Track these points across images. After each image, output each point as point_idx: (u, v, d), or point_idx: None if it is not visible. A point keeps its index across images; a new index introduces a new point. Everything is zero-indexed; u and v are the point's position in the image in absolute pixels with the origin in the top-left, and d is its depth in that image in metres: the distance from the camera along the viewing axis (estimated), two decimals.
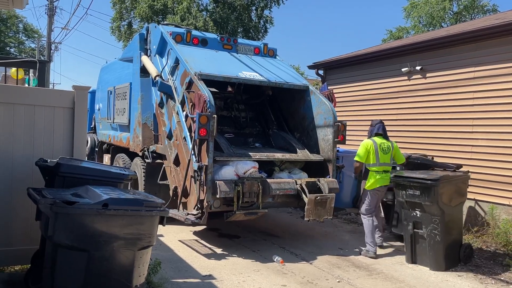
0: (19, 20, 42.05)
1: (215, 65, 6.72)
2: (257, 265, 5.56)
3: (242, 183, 5.77)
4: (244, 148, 6.81)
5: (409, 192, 5.78)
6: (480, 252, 6.46)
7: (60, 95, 4.68)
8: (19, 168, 4.37)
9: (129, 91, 8.14)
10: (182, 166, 6.20)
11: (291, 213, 8.79)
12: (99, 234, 3.19)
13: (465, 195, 6.12)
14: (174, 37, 7.04)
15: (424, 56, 8.68)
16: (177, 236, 6.69)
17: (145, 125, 7.41)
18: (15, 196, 4.32)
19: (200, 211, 5.71)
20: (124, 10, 28.96)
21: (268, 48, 7.99)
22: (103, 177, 4.07)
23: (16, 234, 4.34)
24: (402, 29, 33.41)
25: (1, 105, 4.32)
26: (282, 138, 7.17)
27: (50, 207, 3.11)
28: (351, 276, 5.34)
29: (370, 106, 9.83)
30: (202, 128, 5.52)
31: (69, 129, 4.63)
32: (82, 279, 3.18)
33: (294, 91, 7.28)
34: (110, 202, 3.20)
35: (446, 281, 5.31)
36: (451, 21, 30.44)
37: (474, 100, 7.72)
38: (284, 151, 6.84)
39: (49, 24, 22.28)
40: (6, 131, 4.34)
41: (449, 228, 5.70)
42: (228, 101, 7.67)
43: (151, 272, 4.42)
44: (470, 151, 7.69)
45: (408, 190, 5.80)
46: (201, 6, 27.13)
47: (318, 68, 11.48)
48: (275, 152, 6.72)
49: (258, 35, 27.89)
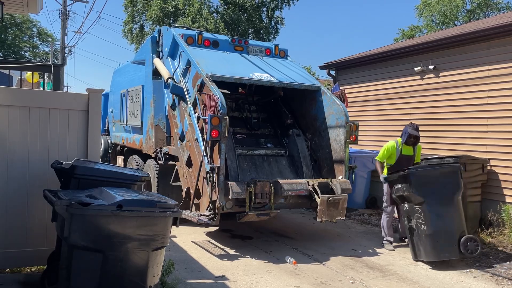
0: (33, 25, 42.70)
1: (226, 67, 6.75)
2: (270, 266, 5.56)
3: (254, 184, 5.78)
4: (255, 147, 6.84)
5: (396, 187, 6.09)
6: (496, 253, 6.37)
7: (74, 98, 4.73)
8: (35, 170, 4.44)
9: (141, 93, 8.21)
10: (194, 167, 6.24)
11: (304, 214, 8.77)
12: (114, 235, 3.22)
13: (460, 186, 5.93)
14: (185, 39, 7.08)
15: (437, 55, 8.59)
16: (190, 237, 6.73)
17: (158, 127, 7.47)
18: (31, 197, 4.39)
19: (212, 212, 5.73)
20: (136, 13, 29.20)
21: (279, 49, 7.99)
22: (117, 179, 4.11)
23: (33, 235, 4.41)
24: (414, 28, 33.09)
25: (17, 108, 4.40)
26: (296, 150, 6.98)
27: (65, 208, 3.15)
28: (365, 277, 5.31)
29: (382, 106, 9.76)
30: (214, 130, 5.55)
31: (83, 132, 4.68)
32: (97, 280, 3.22)
33: (306, 92, 7.27)
34: (124, 204, 3.23)
35: (461, 282, 5.25)
36: (464, 19, 30.08)
37: (488, 99, 7.62)
38: (291, 169, 6.87)
39: (63, 28, 22.59)
40: (22, 134, 4.42)
41: (437, 217, 5.75)
42: (240, 102, 7.69)
43: (165, 272, 4.45)
44: (485, 150, 7.59)
45: (395, 185, 6.13)
46: (212, 8, 27.24)
47: (329, 68, 11.44)
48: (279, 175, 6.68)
49: (269, 36, 27.89)
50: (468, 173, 7.19)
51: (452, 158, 7.13)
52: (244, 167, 6.56)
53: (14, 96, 4.43)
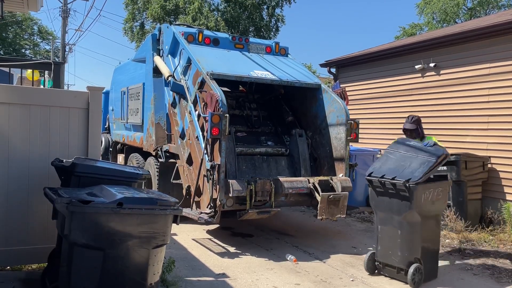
0: (33, 23, 42.69)
1: (227, 65, 6.74)
2: (270, 264, 5.56)
3: (255, 182, 5.78)
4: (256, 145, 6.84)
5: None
6: (496, 251, 6.38)
7: (74, 96, 4.74)
8: (35, 168, 4.44)
9: (142, 91, 8.21)
10: (195, 165, 6.24)
11: (304, 212, 8.77)
12: (114, 233, 3.22)
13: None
14: (186, 37, 7.07)
15: (438, 53, 8.58)
16: (190, 235, 6.73)
17: (158, 125, 7.47)
18: (32, 195, 4.39)
19: (213, 210, 5.74)
20: (137, 11, 29.20)
21: (279, 46, 7.98)
22: (117, 177, 4.11)
23: (33, 233, 4.41)
24: (415, 26, 33.05)
25: (18, 106, 4.40)
26: (296, 151, 6.94)
27: (66, 206, 3.15)
28: (365, 274, 5.30)
29: (383, 104, 9.76)
30: (214, 127, 5.55)
31: (84, 129, 4.68)
32: (98, 277, 3.23)
33: (306, 90, 7.26)
34: (124, 201, 3.23)
35: (461, 279, 5.25)
36: (465, 17, 30.02)
37: (489, 97, 7.62)
38: (289, 170, 6.84)
39: (63, 26, 22.56)
40: (23, 132, 4.42)
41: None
42: (240, 100, 7.68)
43: (166, 270, 4.46)
44: (486, 148, 7.59)
45: None
46: (212, 6, 27.23)
47: (330, 66, 11.44)
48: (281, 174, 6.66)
49: (269, 34, 27.88)
50: (469, 171, 7.20)
51: (453, 156, 7.13)
52: (244, 165, 6.56)
53: (14, 94, 4.43)
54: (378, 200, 5.13)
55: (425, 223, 4.90)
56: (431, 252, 5.11)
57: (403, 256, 4.93)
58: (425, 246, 4.95)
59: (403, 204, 4.85)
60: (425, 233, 4.94)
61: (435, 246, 5.20)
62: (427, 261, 4.99)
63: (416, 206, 4.79)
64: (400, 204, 4.88)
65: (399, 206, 4.89)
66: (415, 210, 4.79)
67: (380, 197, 5.10)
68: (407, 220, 4.88)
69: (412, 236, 4.89)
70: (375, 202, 5.19)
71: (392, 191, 4.93)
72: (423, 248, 4.92)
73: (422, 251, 4.90)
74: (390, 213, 5.02)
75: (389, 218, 5.04)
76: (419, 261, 4.88)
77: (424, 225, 4.90)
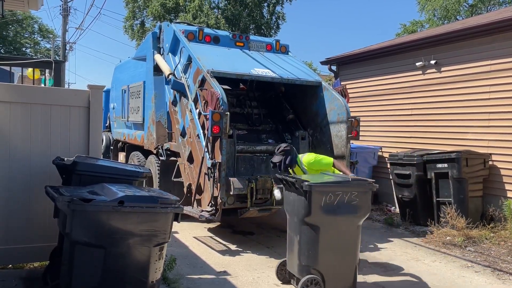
0: (34, 21, 42.62)
1: (227, 63, 6.74)
2: (271, 261, 5.57)
3: (256, 179, 5.78)
4: (257, 143, 6.84)
5: None
6: (497, 248, 6.38)
7: (75, 94, 4.74)
8: (36, 166, 4.45)
9: (142, 89, 8.21)
10: (195, 163, 6.24)
11: None
12: (115, 231, 3.23)
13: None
14: (186, 35, 7.07)
15: (439, 50, 8.56)
16: (191, 233, 6.74)
17: (159, 123, 7.47)
18: (33, 194, 4.40)
19: (214, 208, 5.75)
20: (137, 9, 29.19)
21: (280, 44, 7.97)
22: (118, 175, 4.13)
23: (35, 231, 4.43)
24: (416, 23, 32.98)
25: (19, 105, 4.40)
26: (297, 149, 6.91)
27: (67, 204, 3.16)
28: (366, 272, 5.31)
29: (383, 101, 9.74)
30: (215, 125, 5.55)
31: (85, 128, 4.69)
32: (99, 275, 3.24)
33: (307, 87, 7.26)
34: (125, 199, 3.24)
35: (463, 277, 5.26)
36: (466, 14, 29.95)
37: (490, 94, 7.60)
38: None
39: (64, 25, 22.57)
40: (24, 131, 4.43)
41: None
42: (241, 98, 7.68)
43: (167, 268, 4.47)
44: (487, 145, 7.58)
45: None
46: (212, 3, 27.21)
47: (330, 64, 11.41)
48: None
49: (270, 32, 27.85)
50: (470, 168, 7.19)
51: (454, 153, 7.13)
52: (245, 163, 6.55)
53: (15, 92, 4.44)
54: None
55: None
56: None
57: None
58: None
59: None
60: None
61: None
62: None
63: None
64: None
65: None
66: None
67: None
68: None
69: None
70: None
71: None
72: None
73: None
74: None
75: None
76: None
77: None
